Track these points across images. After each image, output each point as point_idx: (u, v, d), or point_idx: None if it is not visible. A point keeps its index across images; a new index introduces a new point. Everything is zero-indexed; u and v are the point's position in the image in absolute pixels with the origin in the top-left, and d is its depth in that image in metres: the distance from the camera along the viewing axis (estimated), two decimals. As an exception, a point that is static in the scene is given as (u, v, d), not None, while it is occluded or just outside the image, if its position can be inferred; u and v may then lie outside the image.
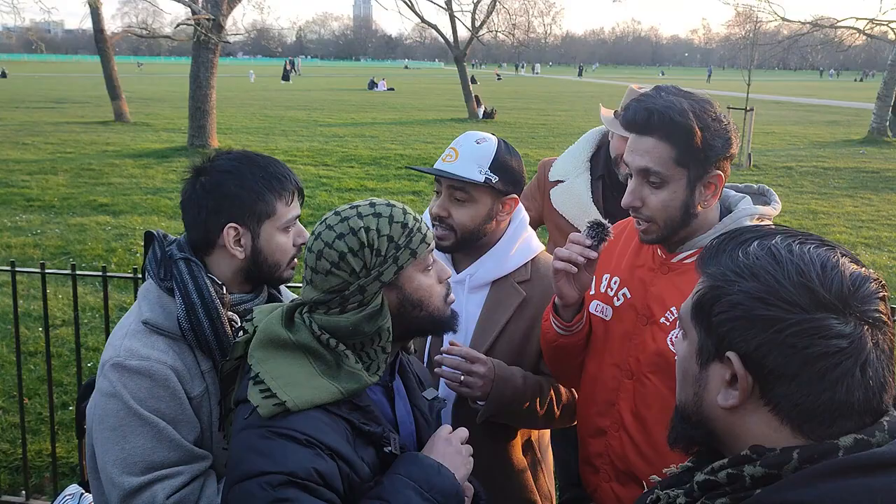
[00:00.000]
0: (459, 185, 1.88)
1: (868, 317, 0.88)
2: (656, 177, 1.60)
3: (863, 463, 0.84)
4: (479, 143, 1.90)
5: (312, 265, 1.34)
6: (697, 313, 0.97)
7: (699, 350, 0.97)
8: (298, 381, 1.28)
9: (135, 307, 1.65)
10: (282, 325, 1.33)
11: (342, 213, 1.35)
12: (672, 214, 1.62)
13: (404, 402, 1.47)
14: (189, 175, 1.67)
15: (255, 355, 1.33)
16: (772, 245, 0.93)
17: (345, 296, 1.31)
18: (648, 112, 1.58)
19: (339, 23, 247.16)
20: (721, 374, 0.94)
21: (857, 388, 0.87)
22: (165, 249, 1.65)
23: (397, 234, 1.34)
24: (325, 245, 1.32)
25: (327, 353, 1.31)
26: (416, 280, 1.37)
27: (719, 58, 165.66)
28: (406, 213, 1.38)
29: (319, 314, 1.34)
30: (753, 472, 0.89)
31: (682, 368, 1.02)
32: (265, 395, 1.26)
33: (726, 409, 0.94)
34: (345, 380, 1.30)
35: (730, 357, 0.91)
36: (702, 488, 0.94)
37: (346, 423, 1.28)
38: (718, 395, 0.94)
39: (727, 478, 0.92)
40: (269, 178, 1.64)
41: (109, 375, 1.53)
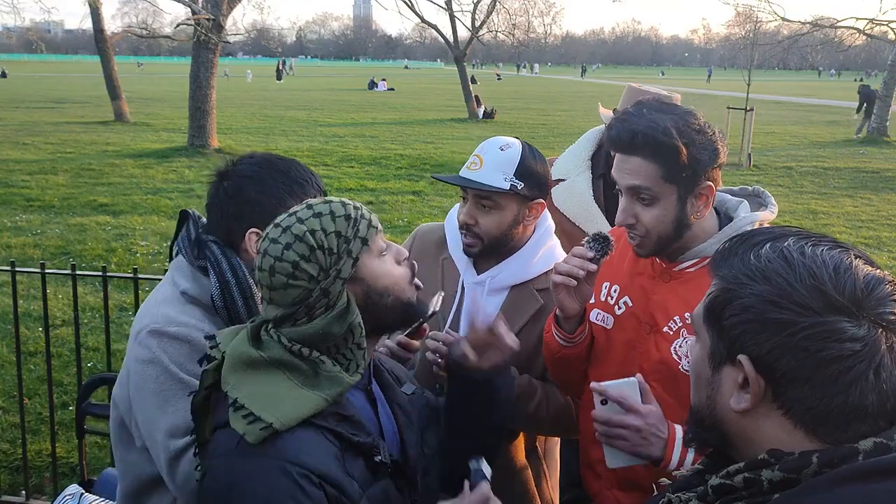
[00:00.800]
0: (485, 193, 1.88)
1: (882, 319, 0.87)
2: (646, 193, 1.59)
3: (884, 467, 0.83)
4: (504, 150, 1.89)
5: (268, 283, 1.28)
6: (709, 316, 0.96)
7: (711, 353, 0.96)
8: (280, 398, 1.23)
9: (167, 279, 1.70)
10: (250, 345, 1.28)
11: (282, 224, 1.30)
12: (665, 229, 1.62)
13: (383, 405, 1.44)
14: (213, 179, 1.71)
15: (229, 381, 1.27)
16: (784, 247, 0.92)
17: (309, 304, 1.27)
18: (632, 133, 1.57)
19: (339, 23, 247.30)
20: (734, 378, 0.93)
21: (871, 392, 0.87)
22: (196, 231, 1.70)
23: (343, 227, 1.29)
24: (274, 259, 1.27)
25: (302, 364, 1.27)
26: (374, 268, 1.33)
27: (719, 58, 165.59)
28: (345, 204, 1.33)
29: (287, 328, 1.29)
30: (771, 476, 0.88)
31: (695, 372, 1.02)
32: (249, 420, 1.21)
33: (739, 412, 0.93)
34: (325, 386, 1.26)
35: (741, 360, 0.91)
36: (716, 492, 0.93)
37: (335, 437, 1.26)
38: (731, 399, 0.93)
39: (744, 482, 0.90)
40: (291, 182, 1.67)
41: (147, 342, 1.57)
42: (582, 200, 2.80)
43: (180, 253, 1.69)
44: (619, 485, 1.80)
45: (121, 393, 1.67)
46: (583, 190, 2.81)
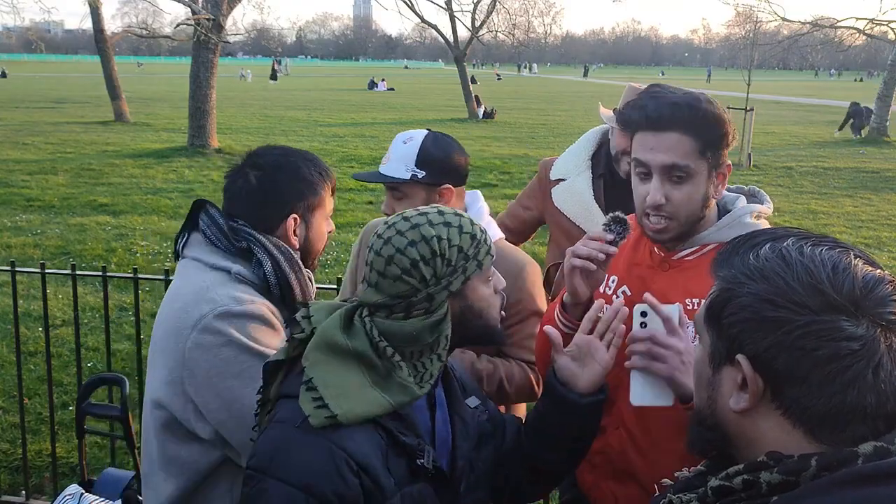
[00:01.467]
0: (393, 185, 2.06)
1: (882, 319, 0.86)
2: (683, 171, 1.58)
3: (884, 471, 0.82)
4: (406, 143, 2.06)
5: (381, 269, 1.31)
6: (709, 316, 0.96)
7: (711, 353, 0.96)
8: (350, 392, 1.27)
9: (197, 267, 1.69)
10: (340, 329, 1.32)
11: (412, 220, 1.34)
12: (693, 208, 1.62)
13: (443, 411, 1.45)
14: (237, 169, 1.76)
15: (309, 358, 1.31)
16: (783, 247, 0.92)
17: (412, 302, 1.31)
18: (673, 106, 1.56)
19: (339, 23, 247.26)
20: (733, 378, 0.93)
21: (870, 392, 0.86)
22: (223, 218, 1.72)
23: (466, 244, 1.34)
24: (396, 250, 1.30)
25: (380, 363, 1.30)
26: (479, 290, 1.38)
27: (719, 58, 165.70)
28: (473, 224, 1.38)
29: (380, 317, 1.33)
30: (770, 478, 0.88)
31: (696, 372, 1.02)
32: (317, 404, 1.25)
33: (738, 412, 0.93)
34: (395, 392, 1.29)
35: (739, 360, 0.91)
36: (716, 493, 0.93)
37: (384, 432, 1.29)
38: (730, 399, 0.93)
39: (742, 484, 0.90)
40: (319, 170, 1.78)
41: (217, 326, 1.58)
42: (582, 200, 2.80)
43: (209, 241, 1.70)
44: (615, 476, 1.80)
45: (169, 393, 1.64)
46: (583, 190, 2.81)
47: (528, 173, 11.79)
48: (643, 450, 1.72)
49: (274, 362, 1.36)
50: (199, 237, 1.73)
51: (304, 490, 1.20)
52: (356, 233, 8.86)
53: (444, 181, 2.06)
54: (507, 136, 18.91)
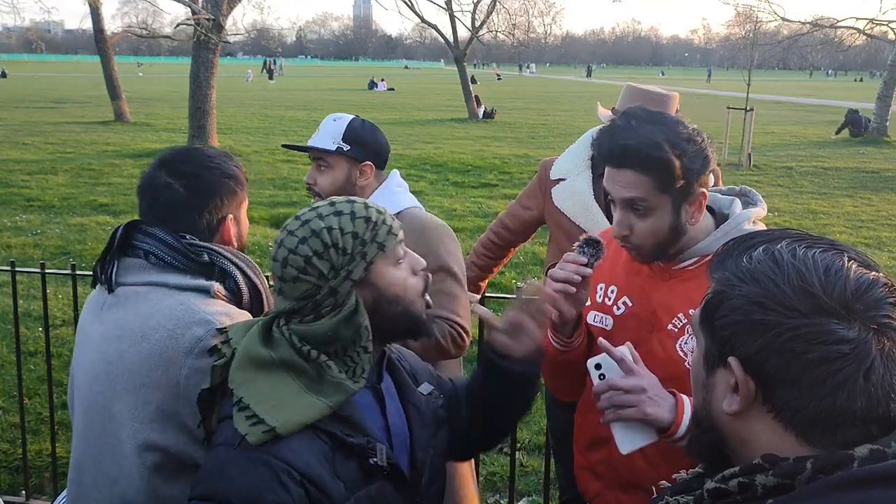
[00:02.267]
0: (318, 155, 2.25)
1: (874, 322, 0.86)
2: (641, 204, 1.59)
3: (879, 475, 0.82)
4: (336, 121, 2.26)
5: (279, 274, 1.30)
6: (703, 318, 0.96)
7: (705, 355, 0.97)
8: (284, 402, 1.24)
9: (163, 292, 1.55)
10: (261, 344, 1.29)
11: (302, 217, 1.32)
12: (660, 238, 1.63)
13: (395, 404, 1.43)
14: (158, 181, 1.63)
15: (235, 379, 1.28)
16: (776, 249, 0.92)
17: (317, 301, 1.28)
18: (622, 149, 1.56)
19: (339, 23, 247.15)
20: (726, 380, 0.93)
21: (860, 396, 0.85)
22: (171, 235, 1.60)
23: (361, 228, 1.30)
24: (288, 251, 1.28)
25: (309, 367, 1.28)
26: (388, 275, 1.33)
27: (719, 58, 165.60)
28: (368, 206, 1.33)
29: (295, 323, 1.30)
30: (765, 481, 0.88)
31: (693, 375, 1.02)
32: (252, 422, 1.22)
33: (731, 415, 0.93)
34: (330, 392, 1.27)
35: (731, 362, 0.91)
36: (712, 496, 0.93)
37: (328, 436, 1.26)
38: (724, 402, 0.93)
39: (738, 486, 0.90)
40: (237, 164, 1.76)
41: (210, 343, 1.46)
42: (582, 200, 2.81)
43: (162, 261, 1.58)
44: (621, 486, 1.79)
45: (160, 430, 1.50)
46: (583, 189, 2.81)
47: (528, 173, 11.80)
48: (652, 460, 1.70)
49: (206, 391, 1.33)
50: (140, 262, 1.59)
51: None
52: None
53: (366, 158, 2.26)
54: (507, 136, 18.91)
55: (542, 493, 3.33)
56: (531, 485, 3.73)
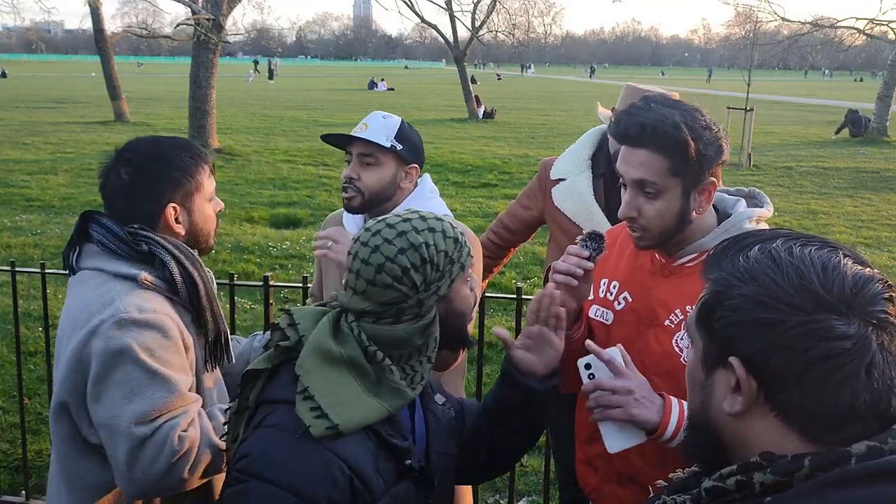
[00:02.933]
0: (369, 150, 2.12)
1: (873, 318, 0.86)
2: (651, 187, 1.61)
3: (876, 471, 0.82)
4: (386, 119, 2.17)
5: (370, 278, 1.32)
6: (700, 319, 0.96)
7: (704, 357, 0.97)
8: (348, 401, 1.29)
9: (101, 278, 1.66)
10: (331, 336, 1.33)
11: (397, 227, 1.35)
12: (667, 223, 1.64)
13: (418, 409, 1.49)
14: (111, 171, 1.74)
15: (304, 366, 1.32)
16: (772, 248, 0.92)
17: (402, 308, 1.33)
18: (640, 126, 1.58)
19: (339, 23, 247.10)
20: (726, 381, 0.93)
21: (864, 391, 0.86)
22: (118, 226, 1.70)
23: (451, 248, 1.36)
24: (386, 259, 1.32)
25: (371, 369, 1.32)
26: (461, 291, 1.42)
27: (719, 58, 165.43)
28: (454, 227, 1.40)
29: (367, 322, 1.34)
30: (763, 479, 0.88)
31: (689, 376, 1.02)
32: (316, 414, 1.26)
33: (733, 415, 0.93)
34: (388, 396, 1.32)
35: (732, 362, 0.91)
36: (709, 494, 0.93)
37: (374, 435, 1.31)
38: (724, 402, 0.93)
39: (736, 484, 0.90)
40: (192, 156, 1.77)
41: (113, 333, 1.55)
42: (582, 200, 2.81)
43: (108, 250, 1.68)
44: (618, 480, 1.81)
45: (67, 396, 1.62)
46: (583, 190, 2.81)
47: (528, 173, 11.79)
48: (646, 454, 1.72)
49: (254, 370, 1.36)
50: (95, 248, 1.70)
51: (294, 493, 1.21)
52: None
53: (415, 161, 2.20)
54: (507, 136, 18.91)
55: (542, 493, 3.33)
56: (531, 485, 3.73)
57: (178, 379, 1.59)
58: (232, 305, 2.95)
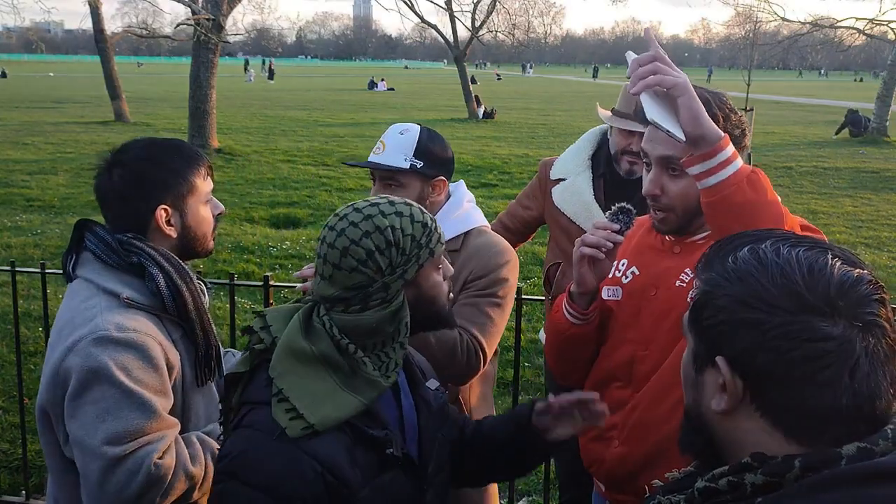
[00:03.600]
0: (388, 174, 2.05)
1: (860, 319, 0.86)
2: (677, 164, 1.58)
3: (866, 473, 0.82)
4: (403, 134, 2.07)
5: (335, 261, 1.33)
6: (691, 319, 0.97)
7: (694, 356, 0.98)
8: (322, 398, 1.30)
9: (90, 290, 1.65)
10: (302, 336, 1.33)
11: (364, 211, 1.36)
12: (691, 203, 1.61)
13: (407, 397, 1.49)
14: (104, 171, 1.73)
15: (277, 368, 1.32)
16: (760, 249, 0.92)
17: (368, 292, 1.33)
18: None
19: (339, 23, 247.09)
20: (715, 379, 0.93)
21: (845, 394, 0.86)
22: (111, 235, 1.68)
23: (419, 233, 1.37)
24: (351, 242, 1.33)
25: (344, 362, 1.33)
26: (431, 277, 1.41)
27: (719, 58, 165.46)
28: (423, 212, 1.41)
29: (338, 312, 1.35)
30: (754, 479, 0.88)
31: (683, 374, 1.03)
32: (292, 415, 1.27)
33: (720, 413, 0.94)
34: (363, 389, 1.33)
35: (718, 362, 0.92)
36: (702, 495, 0.94)
37: (350, 428, 1.31)
38: (712, 401, 0.94)
39: (728, 485, 0.91)
40: (185, 157, 1.75)
41: (91, 350, 1.53)
42: (582, 200, 2.81)
43: (100, 261, 1.67)
44: (615, 485, 1.80)
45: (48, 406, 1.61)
46: (583, 190, 2.81)
47: (528, 173, 11.78)
48: (640, 463, 1.71)
49: (234, 374, 1.38)
50: (90, 256, 1.69)
51: (267, 493, 1.23)
52: None
53: (440, 174, 2.09)
54: (507, 136, 18.91)
55: (542, 493, 3.33)
56: (531, 485, 3.73)
57: (155, 401, 1.56)
58: (232, 305, 2.95)
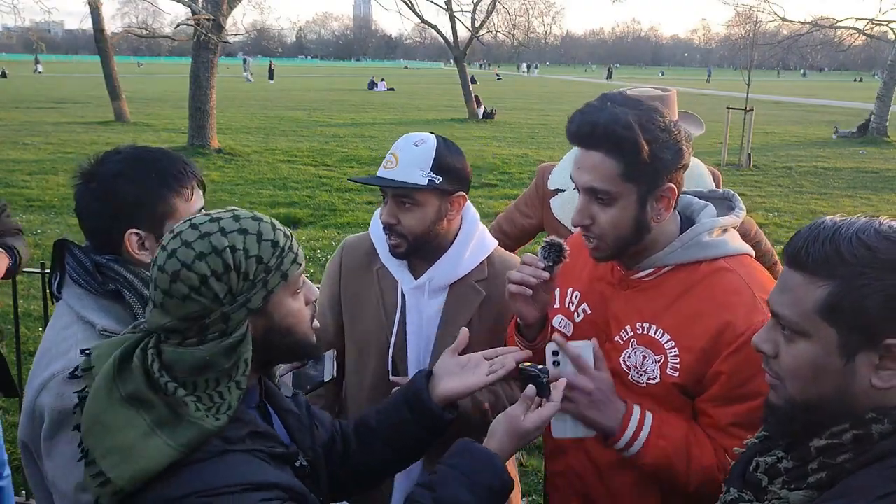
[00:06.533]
0: (403, 191, 1.85)
1: None
2: (604, 194, 1.52)
3: None
4: (418, 146, 1.87)
5: (165, 287, 1.15)
6: (833, 312, 1.03)
7: (842, 345, 1.03)
8: (132, 448, 1.11)
9: (70, 317, 1.52)
10: (112, 378, 1.16)
11: (201, 228, 1.17)
12: (622, 232, 1.54)
13: (273, 415, 1.38)
14: (79, 181, 1.56)
15: (85, 422, 1.14)
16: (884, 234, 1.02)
17: (204, 324, 1.15)
18: (592, 125, 1.49)
19: (339, 23, 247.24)
20: (870, 360, 1.02)
21: None
22: (89, 257, 1.54)
23: (267, 254, 1.18)
24: (182, 265, 1.14)
25: (159, 401, 1.14)
26: (285, 305, 1.22)
27: (719, 58, 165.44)
28: (276, 228, 1.22)
29: (172, 344, 1.17)
30: (882, 429, 1.01)
31: (812, 366, 1.07)
32: (99, 481, 1.10)
33: (886, 389, 1.02)
34: (181, 433, 1.12)
35: (889, 344, 0.99)
36: (820, 451, 1.04)
37: (262, 453, 1.19)
38: (874, 379, 1.02)
39: (853, 438, 1.02)
40: (164, 175, 1.55)
41: (62, 389, 1.40)
42: None
43: (78, 285, 1.53)
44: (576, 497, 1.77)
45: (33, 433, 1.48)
46: None
47: (528, 173, 11.77)
48: (601, 473, 1.70)
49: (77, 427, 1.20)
50: (68, 279, 1.56)
51: None
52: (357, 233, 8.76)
53: (460, 188, 1.92)
54: (507, 136, 18.91)
55: (542, 493, 3.33)
56: (531, 485, 3.73)
57: None
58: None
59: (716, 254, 1.57)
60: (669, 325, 1.56)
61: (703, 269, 1.57)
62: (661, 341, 1.56)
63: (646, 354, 1.57)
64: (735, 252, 1.59)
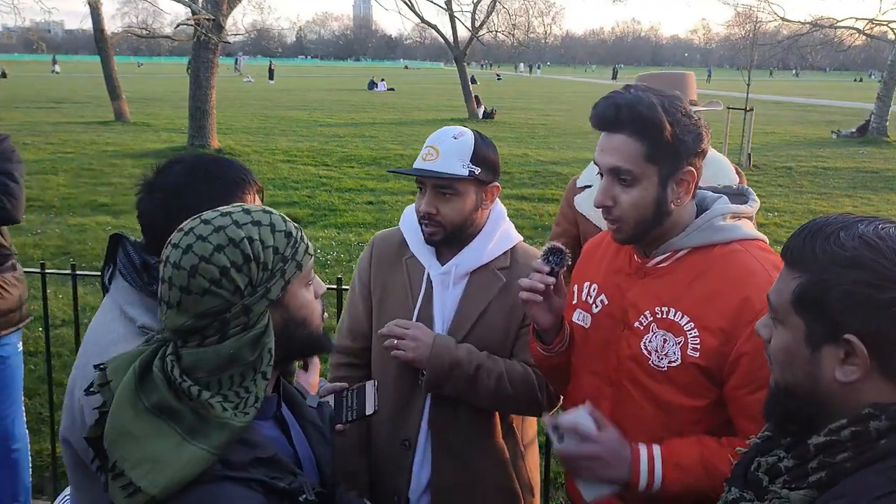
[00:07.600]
0: (446, 182, 1.93)
1: None
2: (627, 175, 1.56)
3: None
4: (458, 138, 1.95)
5: (182, 284, 1.13)
6: (801, 303, 1.07)
7: (809, 336, 1.07)
8: (164, 459, 1.09)
9: (115, 313, 1.56)
10: (134, 388, 1.14)
11: (214, 222, 1.17)
12: (643, 213, 1.58)
13: (295, 426, 1.35)
14: (141, 192, 1.59)
15: (109, 436, 1.12)
16: (861, 233, 1.04)
17: (226, 318, 1.14)
18: (616, 107, 1.55)
19: (339, 23, 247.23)
20: (835, 354, 1.05)
21: None
22: (139, 255, 1.58)
23: (282, 244, 1.19)
24: (200, 259, 1.12)
25: (185, 409, 1.13)
26: (300, 297, 1.24)
27: (719, 58, 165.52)
28: (286, 220, 1.23)
29: (191, 348, 1.15)
30: (879, 426, 1.01)
31: (786, 353, 1.12)
32: (128, 491, 1.08)
33: (846, 383, 1.04)
34: (214, 435, 1.12)
35: (849, 339, 1.02)
36: (818, 448, 1.05)
37: (258, 485, 1.14)
38: (837, 372, 1.05)
39: (851, 435, 1.03)
40: (228, 185, 1.58)
41: None
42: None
43: (125, 280, 1.57)
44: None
45: (73, 430, 1.52)
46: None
47: (528, 173, 11.77)
48: None
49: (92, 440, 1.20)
50: (118, 273, 1.60)
51: None
52: (357, 233, 8.61)
53: (494, 179, 2.02)
54: (507, 136, 18.90)
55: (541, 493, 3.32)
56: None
57: None
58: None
59: (730, 237, 1.61)
60: (688, 307, 1.58)
61: (717, 252, 1.60)
62: (681, 323, 1.58)
63: (666, 337, 1.60)
64: (749, 236, 1.63)
